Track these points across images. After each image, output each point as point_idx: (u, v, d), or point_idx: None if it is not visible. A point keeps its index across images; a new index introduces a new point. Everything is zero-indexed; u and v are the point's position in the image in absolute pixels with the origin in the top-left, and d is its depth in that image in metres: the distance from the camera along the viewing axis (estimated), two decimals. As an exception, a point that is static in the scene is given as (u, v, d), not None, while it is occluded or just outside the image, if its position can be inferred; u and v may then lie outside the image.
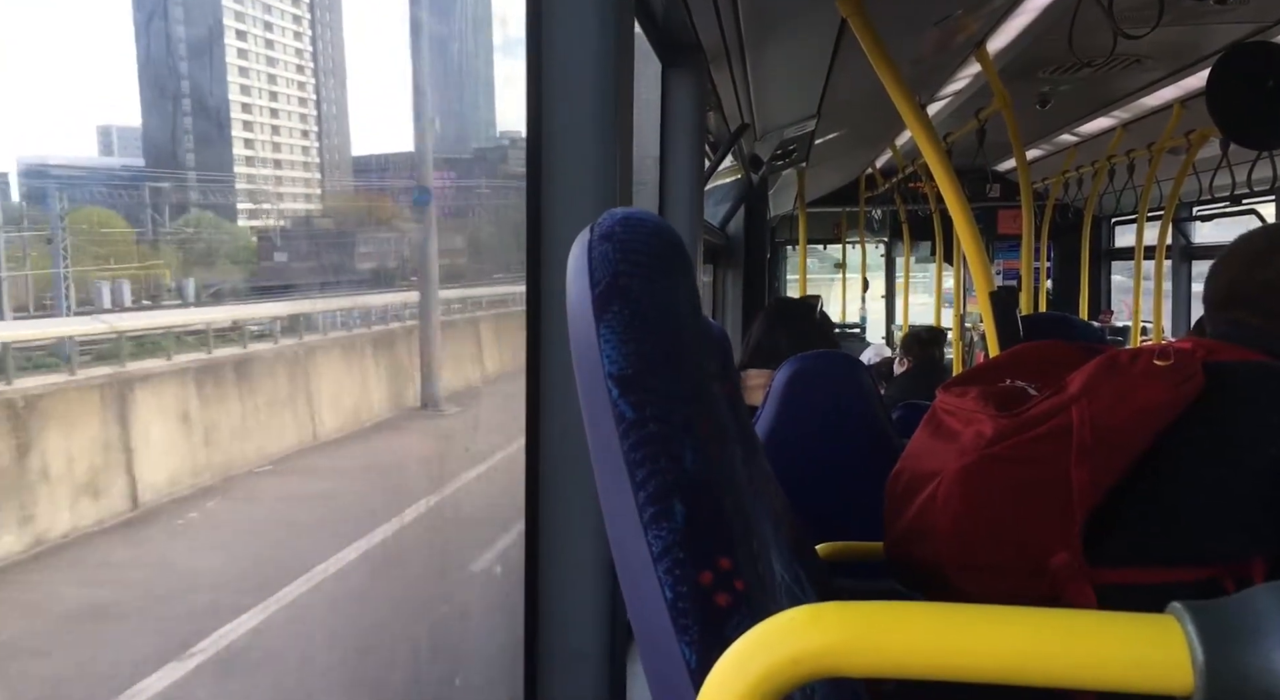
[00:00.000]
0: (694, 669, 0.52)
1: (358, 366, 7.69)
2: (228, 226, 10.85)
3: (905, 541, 1.16)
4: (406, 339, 7.97)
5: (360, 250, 11.45)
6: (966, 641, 0.42)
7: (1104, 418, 1.02)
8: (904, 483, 1.19)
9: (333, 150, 13.16)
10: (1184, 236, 6.14)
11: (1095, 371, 1.05)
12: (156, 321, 7.17)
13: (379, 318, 8.40)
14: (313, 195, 13.44)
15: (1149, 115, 4.35)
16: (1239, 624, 0.38)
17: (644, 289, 0.58)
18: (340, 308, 8.40)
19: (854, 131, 4.97)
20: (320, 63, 13.68)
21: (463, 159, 11.88)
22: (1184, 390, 1.02)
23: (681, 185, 2.22)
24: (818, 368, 1.93)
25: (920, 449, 1.20)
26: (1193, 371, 1.03)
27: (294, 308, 7.96)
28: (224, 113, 12.34)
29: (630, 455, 0.56)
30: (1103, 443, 1.01)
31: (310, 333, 7.58)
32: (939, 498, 1.09)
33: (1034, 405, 1.07)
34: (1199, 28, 2.99)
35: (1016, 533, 1.05)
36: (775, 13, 2.25)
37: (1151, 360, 1.04)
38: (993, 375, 1.20)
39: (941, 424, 1.18)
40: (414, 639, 4.42)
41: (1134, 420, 1.02)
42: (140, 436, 5.48)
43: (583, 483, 1.05)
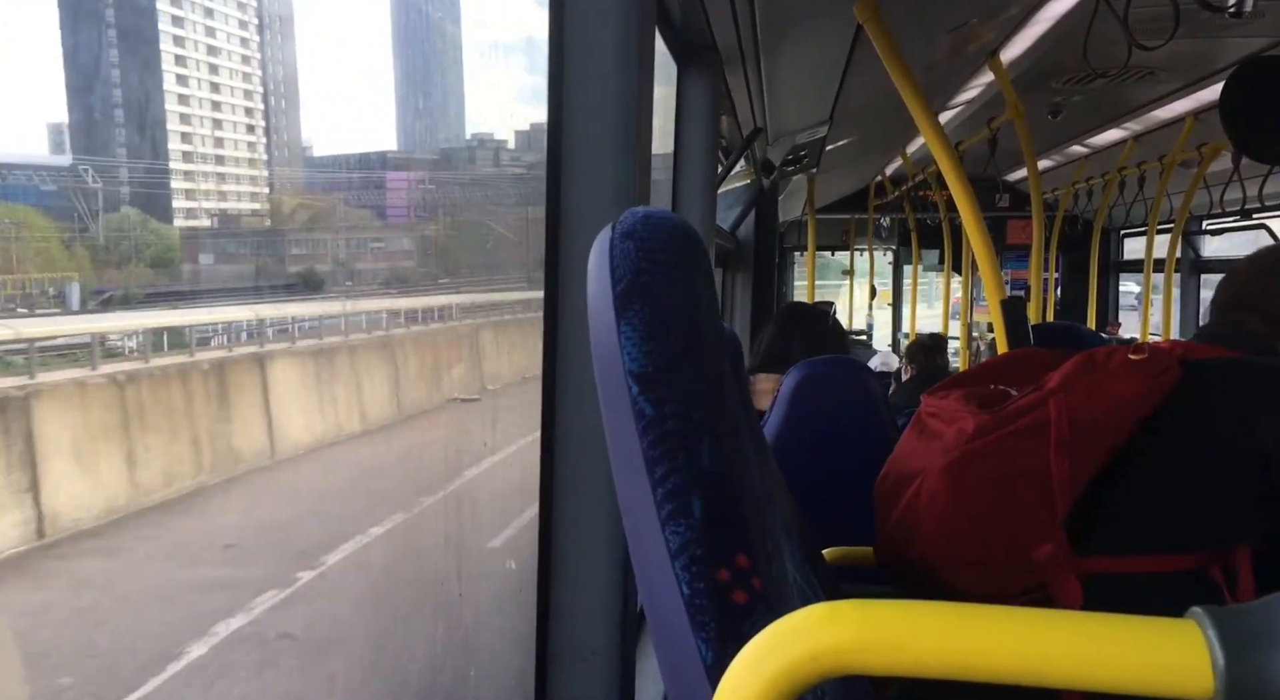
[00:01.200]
0: (710, 665, 0.52)
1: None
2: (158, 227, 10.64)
3: (894, 541, 1.18)
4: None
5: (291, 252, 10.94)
6: (985, 642, 0.42)
7: (1080, 410, 1.04)
8: (890, 483, 1.20)
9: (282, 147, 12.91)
10: (1194, 250, 6.13)
11: (1072, 368, 1.08)
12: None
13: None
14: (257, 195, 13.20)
15: (1161, 127, 4.34)
16: (1260, 629, 0.38)
17: (665, 287, 0.59)
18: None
19: (865, 138, 4.97)
20: (268, 58, 13.39)
21: (422, 159, 11.71)
22: (1160, 382, 1.04)
23: (694, 188, 2.23)
24: (826, 373, 1.93)
25: (906, 450, 1.22)
26: (1168, 364, 1.05)
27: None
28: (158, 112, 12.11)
29: (649, 452, 0.56)
30: (1080, 434, 1.03)
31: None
32: (923, 494, 1.11)
33: (1013, 401, 1.09)
34: (1214, 40, 2.98)
35: (1001, 525, 1.06)
36: (791, 17, 2.25)
37: (1126, 355, 1.07)
38: (978, 380, 1.23)
39: (926, 425, 1.20)
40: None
41: (1110, 411, 1.04)
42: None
43: (597, 478, 1.05)
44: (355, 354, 7.84)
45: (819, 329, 2.41)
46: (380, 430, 7.42)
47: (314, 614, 5.13)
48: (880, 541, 1.24)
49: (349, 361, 7.73)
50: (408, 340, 8.36)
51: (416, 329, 8.74)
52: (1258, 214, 4.23)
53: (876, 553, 1.25)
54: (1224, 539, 1.05)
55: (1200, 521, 1.04)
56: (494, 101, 13.55)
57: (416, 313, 9.23)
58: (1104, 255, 6.77)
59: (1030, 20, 2.68)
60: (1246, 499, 1.03)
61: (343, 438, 7.18)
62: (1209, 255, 6.25)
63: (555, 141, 1.05)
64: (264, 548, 5.81)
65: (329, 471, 6.99)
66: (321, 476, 6.97)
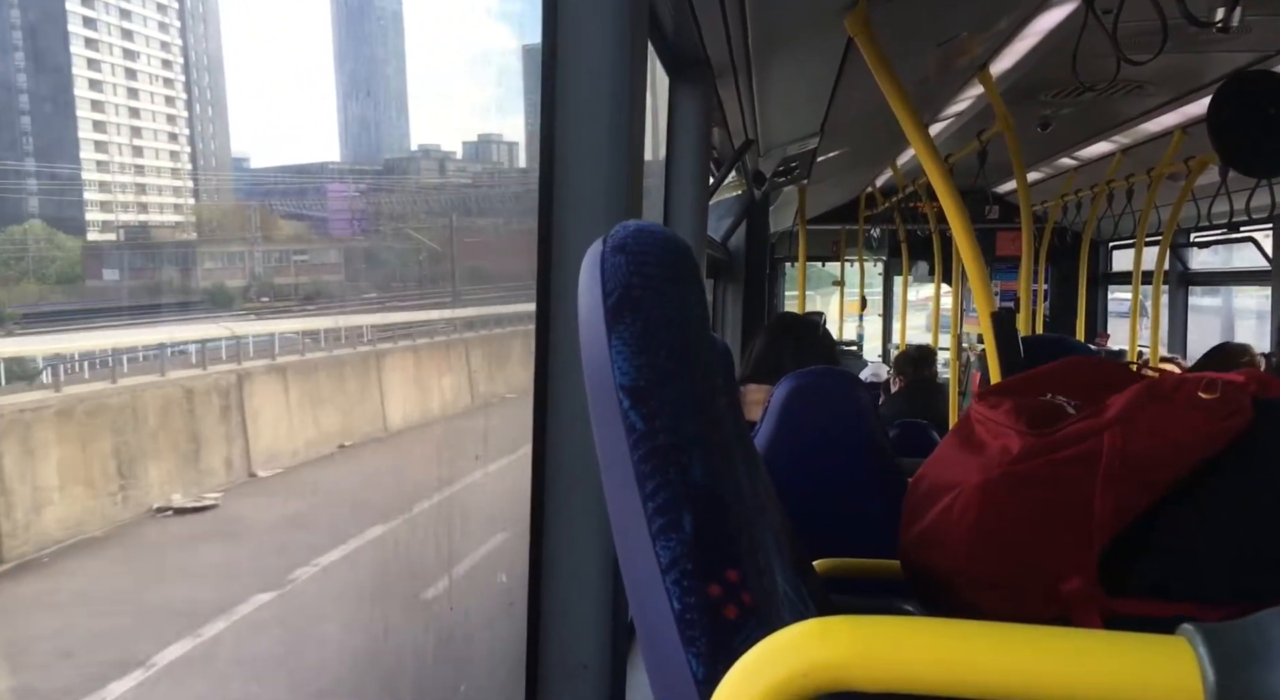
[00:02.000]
0: (701, 681, 0.52)
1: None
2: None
3: (917, 548, 1.14)
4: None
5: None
6: (978, 658, 0.42)
7: (1135, 448, 0.98)
8: (924, 489, 1.16)
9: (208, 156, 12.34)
10: (1181, 262, 6.16)
11: (1134, 397, 1.01)
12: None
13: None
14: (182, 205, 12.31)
15: (1149, 141, 4.37)
16: (1251, 648, 0.38)
17: (656, 301, 0.59)
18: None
19: (856, 150, 4.99)
20: (192, 60, 12.76)
21: (355, 169, 11.43)
22: (1226, 426, 0.97)
23: (686, 199, 2.23)
24: (817, 384, 1.93)
25: (946, 457, 1.16)
26: (1239, 407, 0.97)
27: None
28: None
29: (640, 466, 0.56)
30: (1131, 473, 0.97)
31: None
32: (955, 510, 1.07)
33: (1066, 426, 1.03)
34: (1201, 55, 3.01)
35: (1031, 553, 1.02)
36: (783, 30, 2.26)
37: (1195, 391, 0.99)
38: (1032, 388, 1.16)
39: (971, 434, 1.14)
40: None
41: (1167, 453, 0.97)
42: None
43: (588, 492, 1.05)
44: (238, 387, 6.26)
45: (808, 339, 2.41)
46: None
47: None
48: (903, 546, 1.19)
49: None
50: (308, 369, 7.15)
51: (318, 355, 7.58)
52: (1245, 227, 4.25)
53: (900, 553, 1.22)
54: (1266, 597, 0.98)
55: (1243, 576, 0.97)
56: (442, 112, 13.31)
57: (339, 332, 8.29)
58: (1092, 267, 6.80)
59: (1020, 34, 2.70)
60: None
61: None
62: (1196, 267, 6.29)
63: (548, 154, 1.05)
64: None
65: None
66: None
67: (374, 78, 11.89)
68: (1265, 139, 2.87)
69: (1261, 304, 5.75)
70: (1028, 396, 1.13)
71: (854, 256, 8.35)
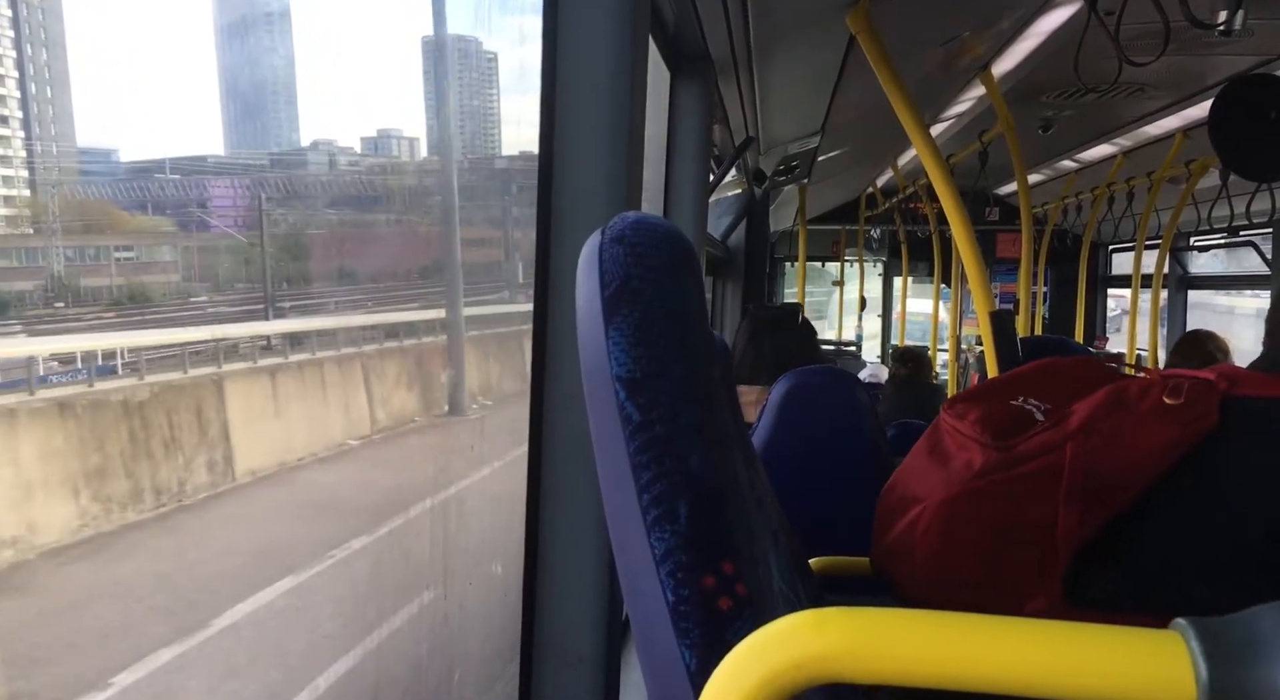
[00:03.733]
0: (693, 672, 0.52)
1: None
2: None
3: (887, 556, 1.13)
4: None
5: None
6: (970, 651, 0.42)
7: (1098, 460, 0.95)
8: (894, 499, 1.15)
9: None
10: (1181, 265, 6.17)
11: (1099, 406, 0.98)
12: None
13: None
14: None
15: (1150, 144, 4.37)
16: (1243, 642, 0.38)
17: (654, 292, 0.59)
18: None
19: (857, 149, 4.99)
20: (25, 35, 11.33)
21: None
22: (1191, 431, 0.93)
23: (686, 195, 2.23)
24: (815, 383, 1.93)
25: (915, 467, 1.15)
26: (1205, 410, 0.94)
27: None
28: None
29: (636, 457, 0.56)
30: (1094, 486, 0.95)
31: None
32: (920, 525, 1.05)
33: (1028, 437, 1.00)
34: (1203, 58, 3.01)
35: (993, 571, 0.99)
36: (784, 27, 2.26)
37: (1161, 397, 0.95)
38: (1004, 392, 1.13)
39: (939, 444, 1.12)
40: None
41: (1129, 465, 0.94)
42: None
43: (584, 484, 1.05)
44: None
45: (785, 326, 2.40)
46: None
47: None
48: (875, 552, 1.17)
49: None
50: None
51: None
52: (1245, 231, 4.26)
53: (872, 562, 1.21)
54: (1236, 607, 0.93)
55: (1213, 587, 0.93)
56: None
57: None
58: (1092, 270, 6.81)
59: (1022, 35, 2.70)
60: (1265, 573, 0.91)
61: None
62: (1196, 271, 6.29)
63: (547, 147, 1.05)
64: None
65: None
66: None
67: (253, 66, 11.22)
68: (1266, 143, 2.87)
69: (1261, 306, 5.75)
70: (999, 401, 1.10)
71: (854, 257, 8.36)
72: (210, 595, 4.97)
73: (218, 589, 5.02)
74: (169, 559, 5.41)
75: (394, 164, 11.83)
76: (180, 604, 4.91)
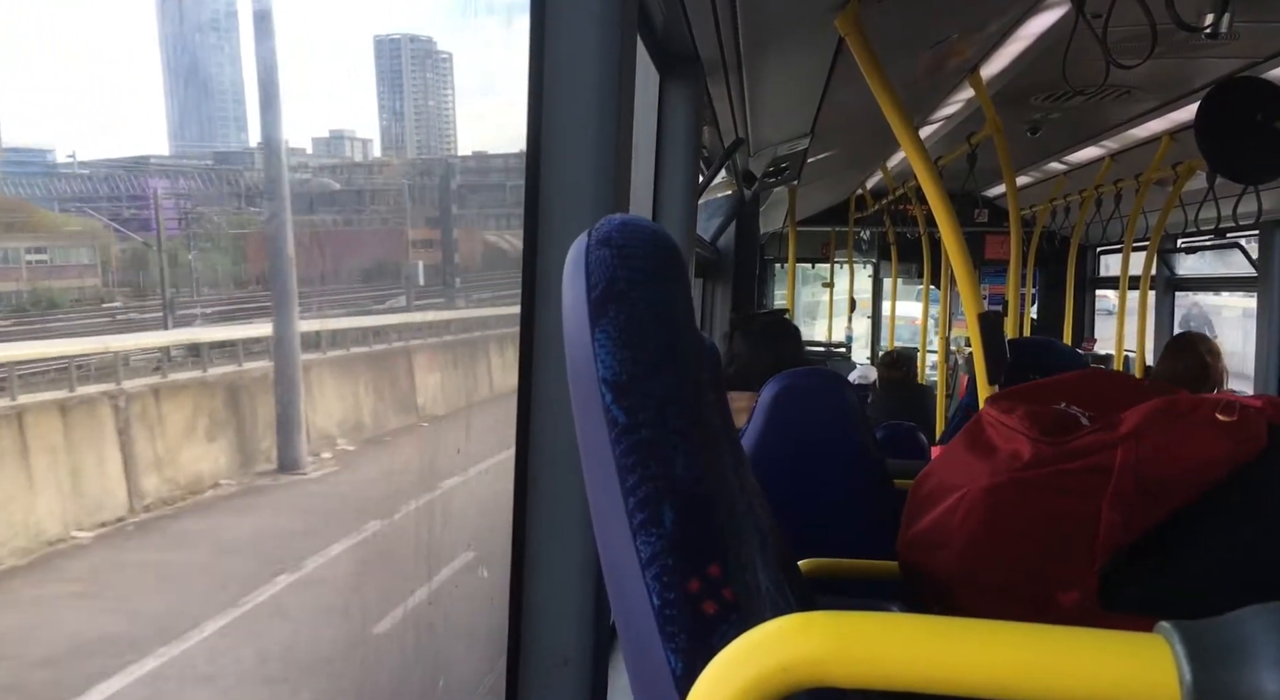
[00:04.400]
0: (679, 676, 0.52)
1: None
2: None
3: (915, 548, 1.13)
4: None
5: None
6: (957, 654, 0.42)
7: (1148, 465, 0.97)
8: (929, 487, 1.14)
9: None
10: (1168, 267, 6.20)
11: (1150, 413, 1.00)
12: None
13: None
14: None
15: (1137, 146, 4.40)
16: (1227, 645, 0.38)
17: (640, 295, 0.58)
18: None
19: (846, 151, 5.00)
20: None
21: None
22: (1240, 450, 0.96)
23: (675, 197, 2.23)
24: (805, 385, 1.93)
25: (954, 456, 1.15)
26: (1255, 432, 0.96)
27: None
28: None
29: (621, 461, 0.56)
30: (1142, 490, 0.96)
31: None
32: (960, 512, 1.06)
33: (1079, 436, 1.02)
34: (1190, 61, 3.02)
35: (1033, 562, 1.00)
36: (773, 29, 2.26)
37: (1213, 412, 0.98)
38: (1045, 396, 1.14)
39: (980, 436, 1.13)
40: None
41: (1180, 473, 0.96)
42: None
43: (571, 487, 1.05)
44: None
45: (781, 336, 2.41)
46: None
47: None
48: (904, 542, 1.17)
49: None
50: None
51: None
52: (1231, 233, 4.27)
53: (899, 551, 1.21)
54: None
55: (1234, 600, 0.97)
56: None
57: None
58: (1080, 271, 6.83)
59: (1010, 37, 2.71)
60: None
61: None
62: (1183, 273, 6.32)
63: (534, 149, 1.05)
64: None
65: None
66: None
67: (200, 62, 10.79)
68: (1252, 145, 2.88)
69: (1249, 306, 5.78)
70: (1040, 403, 1.12)
71: (844, 258, 8.37)
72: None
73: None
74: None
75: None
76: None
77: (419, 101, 11.99)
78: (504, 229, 7.86)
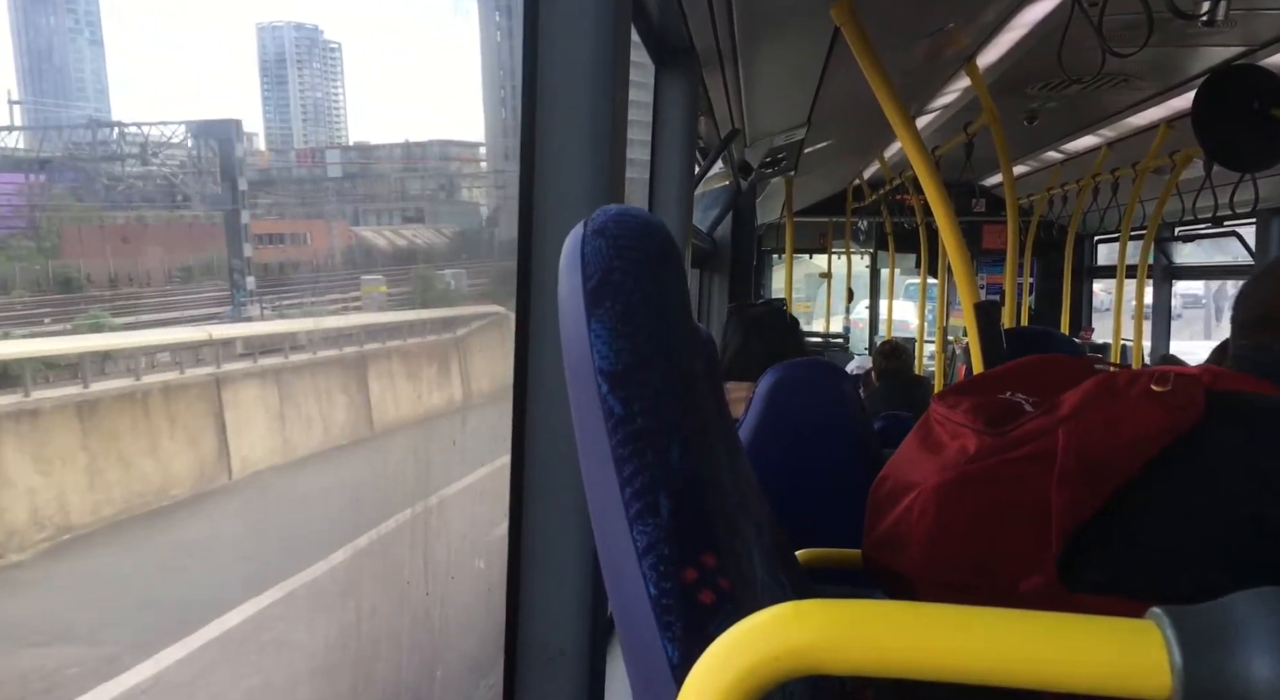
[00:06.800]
0: (676, 665, 0.52)
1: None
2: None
3: (880, 548, 1.14)
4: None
5: None
6: (950, 641, 0.42)
7: (1090, 444, 0.98)
8: (887, 489, 1.17)
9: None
10: (1165, 256, 6.20)
11: (1088, 393, 1.01)
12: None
13: None
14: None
15: (1134, 135, 4.39)
16: (1218, 630, 0.39)
17: (636, 285, 0.59)
18: None
19: (843, 141, 4.99)
20: None
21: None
22: (1178, 418, 0.96)
23: (671, 188, 2.23)
24: (802, 376, 1.94)
25: (907, 457, 1.16)
26: (1191, 399, 0.97)
27: None
28: None
29: (618, 451, 0.56)
30: (1086, 469, 0.97)
31: None
32: (915, 511, 1.06)
33: (1021, 424, 1.03)
34: (1187, 49, 3.02)
35: (989, 553, 1.01)
36: (769, 18, 2.26)
37: (1149, 385, 0.99)
38: (993, 386, 1.16)
39: (930, 434, 1.14)
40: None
41: (1120, 449, 0.97)
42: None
43: (567, 478, 1.05)
44: None
45: (778, 328, 2.42)
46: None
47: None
48: (867, 544, 1.19)
49: None
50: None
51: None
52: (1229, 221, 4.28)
53: (864, 555, 1.23)
54: (1223, 591, 0.94)
55: (1198, 571, 0.96)
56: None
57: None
58: (1078, 260, 6.84)
59: (1006, 26, 2.70)
60: (1245, 560, 0.94)
61: None
62: (1180, 262, 6.32)
63: (529, 140, 1.05)
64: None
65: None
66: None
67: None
68: (1250, 133, 2.88)
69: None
70: (987, 394, 1.13)
71: (841, 249, 8.37)
72: None
73: None
74: None
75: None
76: None
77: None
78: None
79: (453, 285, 12.91)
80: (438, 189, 20.92)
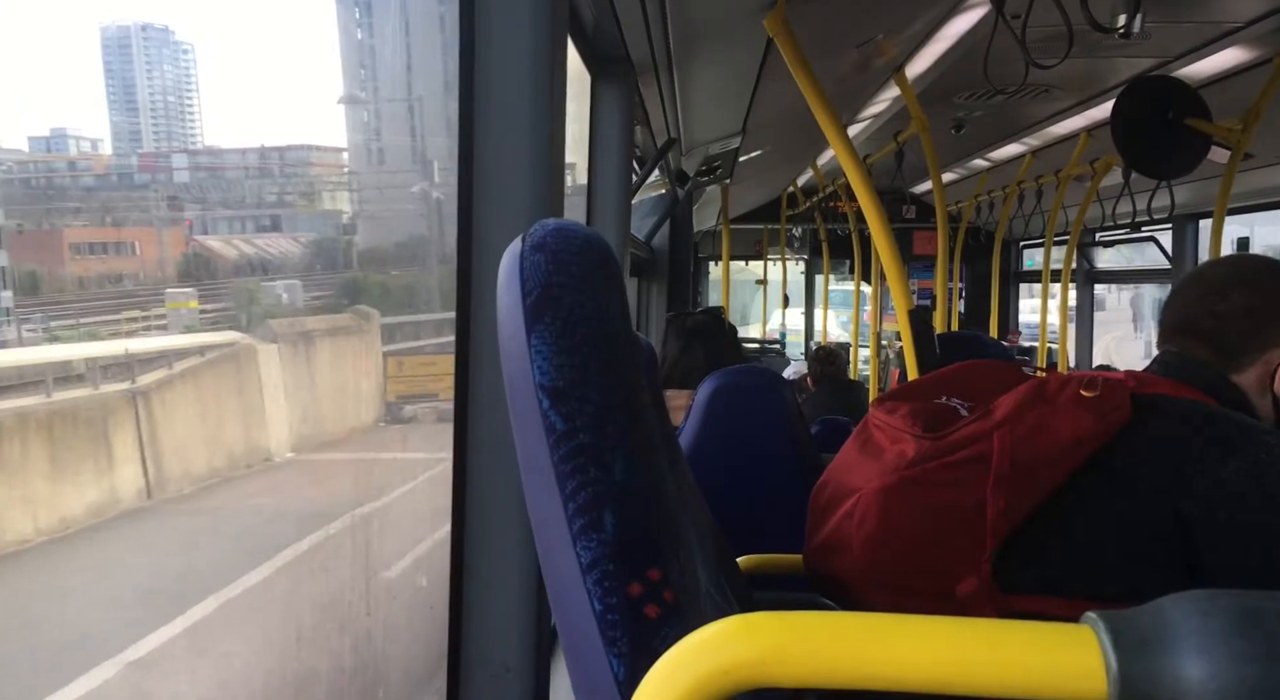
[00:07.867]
0: (622, 681, 0.52)
1: None
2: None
3: (822, 553, 1.16)
4: None
5: None
6: (893, 651, 0.42)
7: (1023, 447, 1.00)
8: (827, 495, 1.18)
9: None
10: (1088, 261, 6.38)
11: (1021, 399, 1.04)
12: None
13: None
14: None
15: (1057, 143, 4.52)
16: (1151, 633, 0.40)
17: (576, 300, 0.58)
18: None
19: (777, 149, 5.05)
20: None
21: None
22: (1107, 422, 1.00)
23: (609, 198, 2.23)
24: (739, 383, 1.95)
25: (846, 463, 1.18)
26: (1119, 403, 1.01)
27: None
28: None
29: (560, 466, 0.56)
30: (1020, 472, 1.00)
31: None
32: (856, 515, 1.08)
33: (957, 429, 1.05)
34: (1105, 60, 3.12)
35: (928, 556, 1.03)
36: (703, 29, 2.27)
37: (1078, 390, 1.02)
38: (929, 391, 1.18)
39: (870, 439, 1.16)
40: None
41: (1052, 452, 1.00)
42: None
43: (510, 494, 1.04)
44: None
45: (718, 335, 2.43)
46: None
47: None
48: (809, 551, 1.20)
49: None
50: None
51: None
52: (1146, 227, 4.42)
53: (805, 561, 1.23)
54: (1151, 590, 0.97)
55: (1127, 570, 0.99)
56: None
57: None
58: (1005, 266, 7.00)
59: (934, 37, 2.76)
60: (1166, 557, 0.98)
61: None
62: (1102, 266, 6.52)
63: (466, 153, 1.04)
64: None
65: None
66: None
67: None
68: (1165, 142, 2.99)
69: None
70: (924, 399, 1.16)
71: (777, 256, 8.45)
72: None
73: None
74: None
75: None
76: None
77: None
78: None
79: (285, 298, 11.49)
80: (297, 195, 19.70)
